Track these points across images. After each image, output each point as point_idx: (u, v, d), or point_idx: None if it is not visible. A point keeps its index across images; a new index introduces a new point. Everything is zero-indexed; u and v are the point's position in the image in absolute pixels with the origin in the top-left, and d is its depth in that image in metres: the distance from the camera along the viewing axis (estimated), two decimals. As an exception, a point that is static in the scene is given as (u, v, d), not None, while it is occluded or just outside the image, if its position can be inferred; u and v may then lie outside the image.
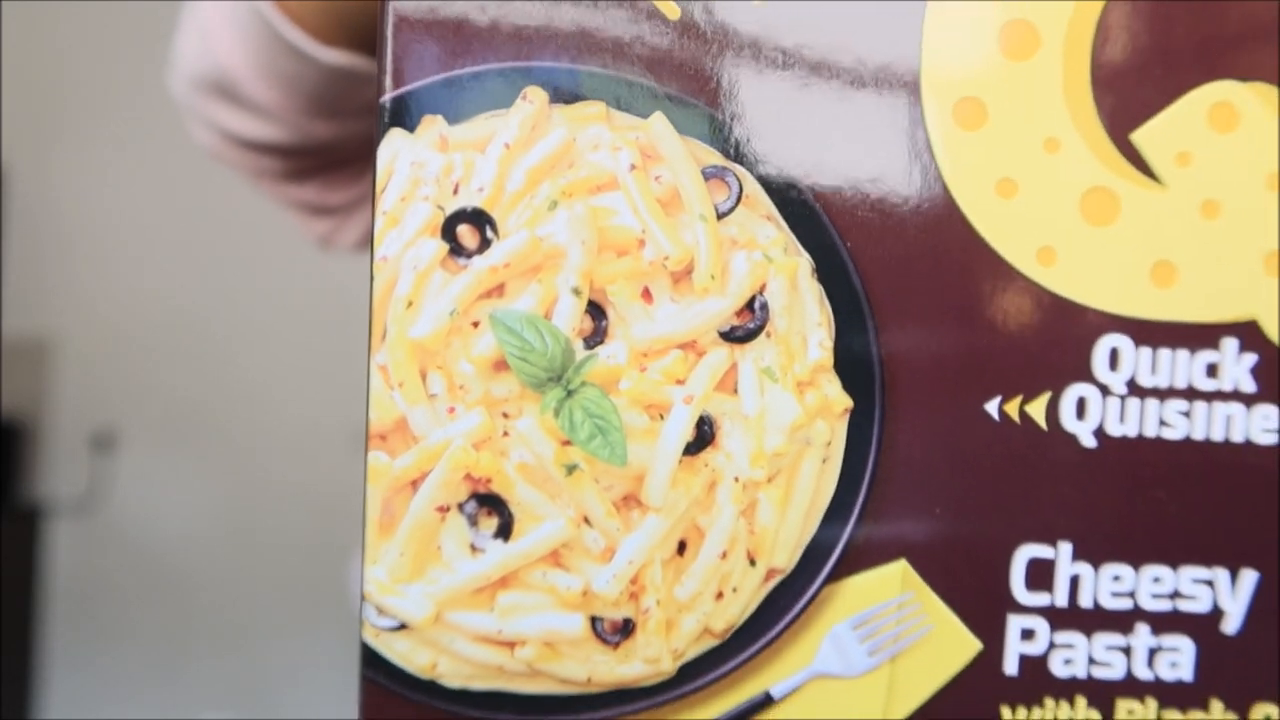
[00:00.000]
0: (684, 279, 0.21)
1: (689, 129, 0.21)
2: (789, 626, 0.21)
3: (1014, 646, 0.21)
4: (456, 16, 0.20)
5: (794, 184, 0.21)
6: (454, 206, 0.21)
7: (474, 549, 0.21)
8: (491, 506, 0.21)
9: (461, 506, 0.21)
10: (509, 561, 0.21)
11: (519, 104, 0.21)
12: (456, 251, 0.21)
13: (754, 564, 0.21)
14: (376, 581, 0.21)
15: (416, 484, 0.21)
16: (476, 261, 0.21)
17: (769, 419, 0.21)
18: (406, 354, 0.21)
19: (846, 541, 0.21)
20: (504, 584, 0.21)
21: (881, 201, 0.21)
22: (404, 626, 0.21)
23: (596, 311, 0.21)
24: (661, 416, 0.21)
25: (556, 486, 0.21)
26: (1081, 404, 0.21)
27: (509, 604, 0.21)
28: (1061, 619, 0.21)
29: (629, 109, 0.21)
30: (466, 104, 0.21)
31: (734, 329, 0.21)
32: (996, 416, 0.21)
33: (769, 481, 0.21)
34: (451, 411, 0.21)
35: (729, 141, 0.21)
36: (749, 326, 0.21)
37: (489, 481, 0.21)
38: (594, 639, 0.21)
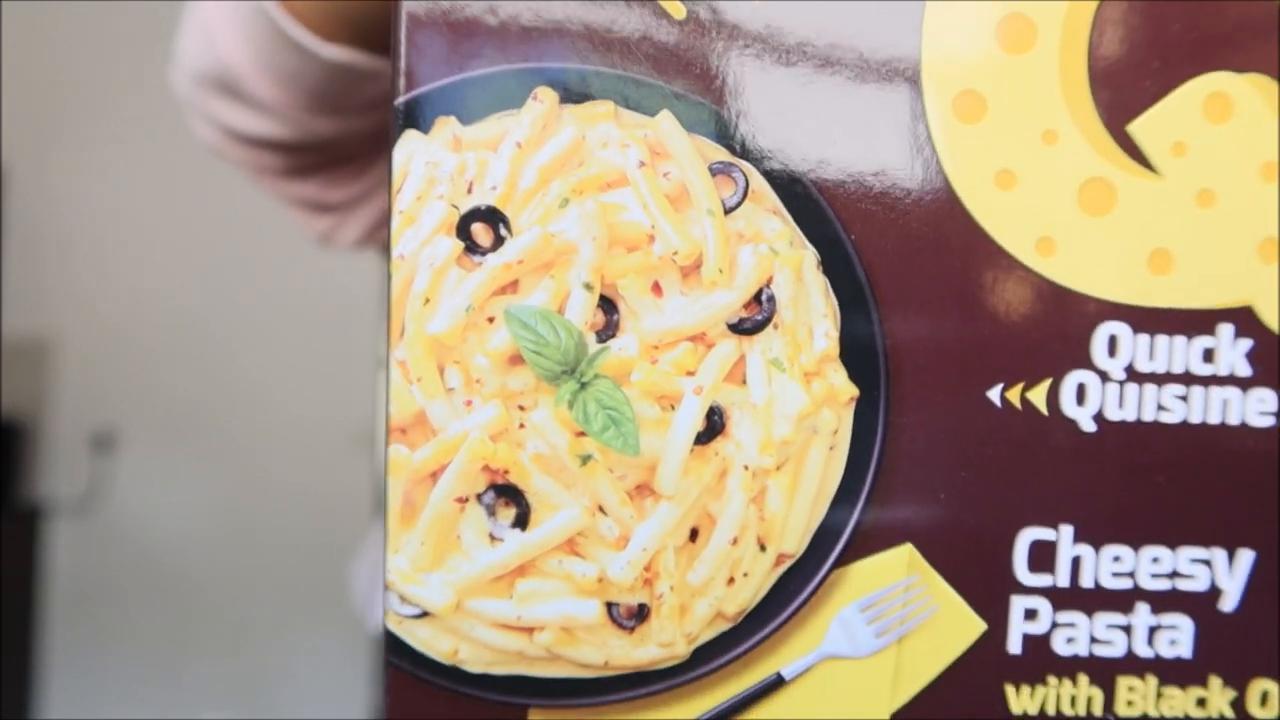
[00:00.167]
0: (693, 273, 0.22)
1: (696, 126, 0.21)
2: (799, 610, 0.22)
3: (1017, 626, 0.22)
4: (468, 19, 0.21)
5: (799, 178, 0.22)
6: (468, 205, 0.21)
7: (492, 538, 0.22)
8: (509, 497, 0.22)
9: (480, 497, 0.22)
10: (526, 550, 0.22)
11: (530, 104, 0.21)
12: (471, 249, 0.21)
13: (764, 549, 0.22)
14: (398, 570, 0.22)
15: (436, 475, 0.22)
16: (491, 258, 0.21)
17: (777, 408, 0.22)
18: (424, 349, 0.22)
19: (854, 527, 0.22)
20: (522, 572, 0.22)
21: (884, 194, 0.22)
22: (426, 614, 0.22)
23: (608, 306, 0.22)
24: (673, 407, 0.22)
25: (571, 476, 0.22)
26: (1081, 390, 0.22)
27: (527, 591, 0.22)
28: (1063, 599, 0.22)
29: (637, 107, 0.21)
30: (479, 104, 0.21)
31: (742, 321, 0.22)
32: (999, 403, 0.22)
33: (778, 469, 0.22)
34: (469, 405, 0.22)
35: (735, 138, 0.21)
36: (756, 318, 0.22)
37: (506, 472, 0.22)
38: (610, 624, 0.22)
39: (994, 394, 0.22)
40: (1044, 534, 0.22)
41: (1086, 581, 0.22)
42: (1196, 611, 0.22)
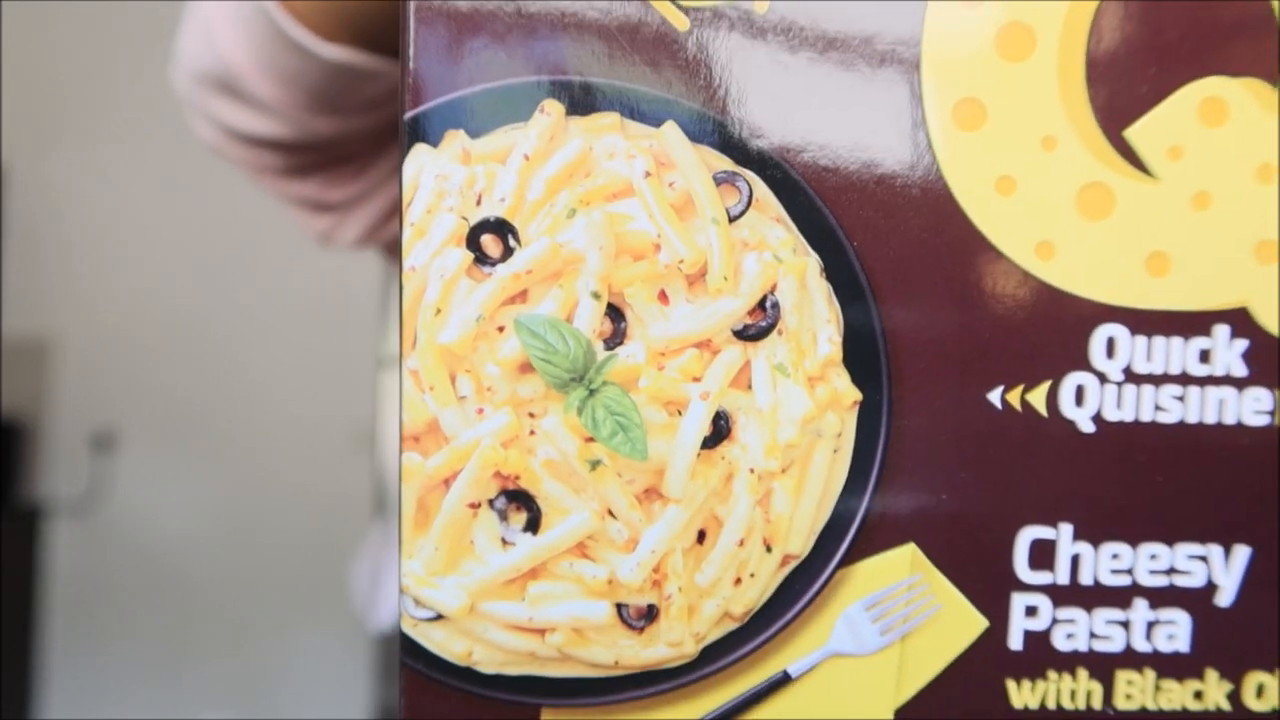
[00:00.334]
0: (698, 281, 0.22)
1: (700, 136, 0.22)
2: (804, 609, 0.23)
3: (1018, 623, 0.23)
4: (475, 34, 0.21)
5: (801, 187, 0.22)
6: (477, 217, 0.22)
7: (504, 542, 0.22)
8: (520, 502, 0.22)
9: (492, 502, 0.22)
10: (538, 553, 0.22)
11: (537, 116, 0.22)
12: (481, 260, 0.22)
13: (770, 550, 0.23)
14: (413, 575, 0.22)
15: (449, 482, 0.22)
16: (500, 269, 0.22)
17: (782, 412, 0.22)
18: (436, 359, 0.22)
19: (857, 527, 0.22)
20: (534, 575, 0.22)
21: (886, 202, 0.22)
22: (440, 617, 0.23)
23: (615, 314, 0.22)
24: (679, 412, 0.22)
25: (581, 481, 0.22)
26: (1080, 391, 0.22)
27: (539, 593, 0.22)
28: (1063, 596, 0.23)
29: (642, 118, 0.22)
30: (486, 118, 0.22)
31: (747, 327, 0.22)
32: (999, 405, 0.22)
33: (783, 472, 0.22)
34: (480, 412, 0.22)
35: (738, 147, 0.22)
36: (761, 325, 0.22)
37: (517, 478, 0.22)
38: (620, 625, 0.22)
39: (994, 396, 0.22)
40: (1044, 532, 0.22)
41: (1086, 579, 0.23)
42: (1193, 607, 0.23)
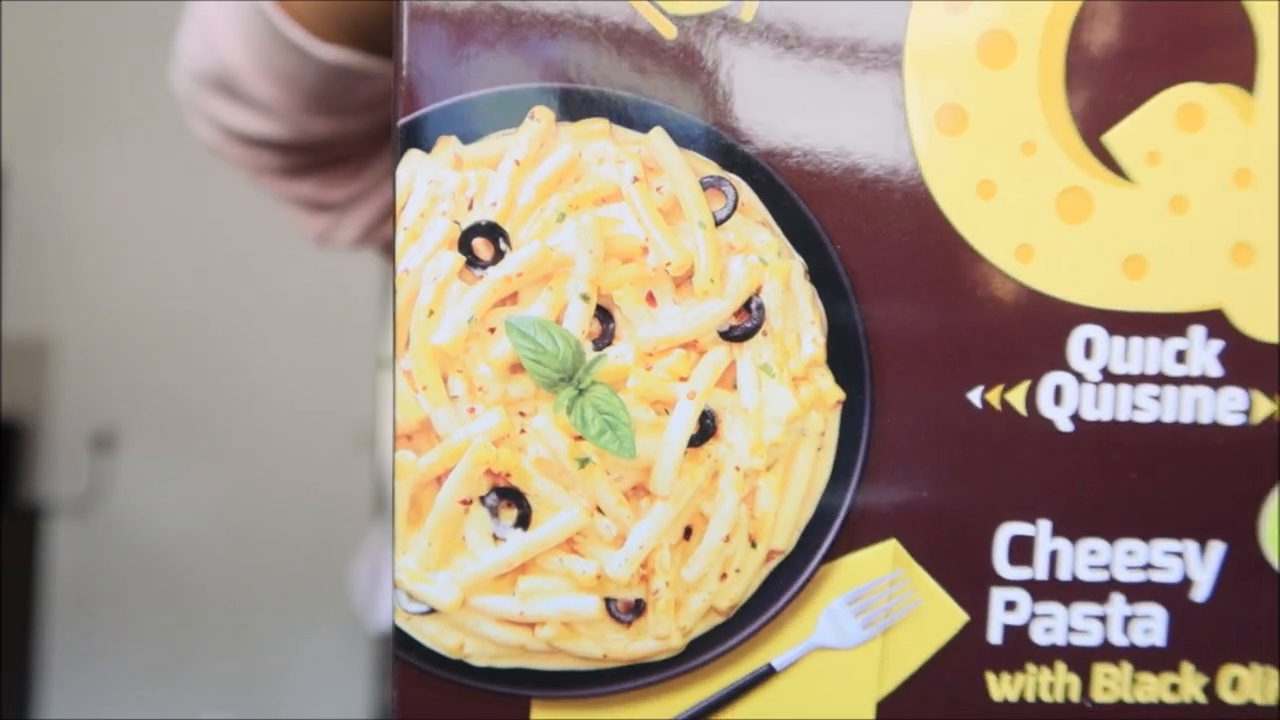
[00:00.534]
0: (685, 283, 0.23)
1: (687, 141, 0.22)
2: (789, 603, 0.23)
3: (998, 617, 0.23)
4: (468, 44, 0.22)
5: (786, 191, 0.22)
6: (469, 221, 0.22)
7: (496, 538, 0.23)
8: (511, 499, 0.23)
9: (483, 499, 0.23)
10: (528, 549, 0.23)
11: (527, 123, 0.22)
12: (473, 263, 0.22)
13: (755, 546, 0.23)
14: (407, 570, 0.23)
15: (441, 479, 0.23)
16: (492, 272, 0.22)
17: (767, 412, 0.23)
18: (429, 359, 0.22)
19: (840, 523, 0.23)
20: (524, 570, 0.23)
21: (869, 206, 0.22)
22: (433, 611, 0.23)
23: (604, 315, 0.23)
24: (667, 411, 0.23)
25: (571, 479, 0.23)
26: (1059, 391, 0.23)
27: (529, 588, 0.23)
28: (1042, 591, 0.23)
29: (631, 124, 0.22)
30: (478, 124, 0.22)
31: (733, 328, 0.23)
32: (979, 405, 0.23)
33: (768, 470, 0.23)
34: (472, 412, 0.23)
35: (725, 152, 0.22)
36: (746, 326, 0.23)
37: (508, 476, 0.23)
38: (608, 619, 0.23)
39: (974, 395, 0.23)
40: (1023, 529, 0.23)
41: (1064, 574, 0.23)
42: (1170, 601, 0.23)
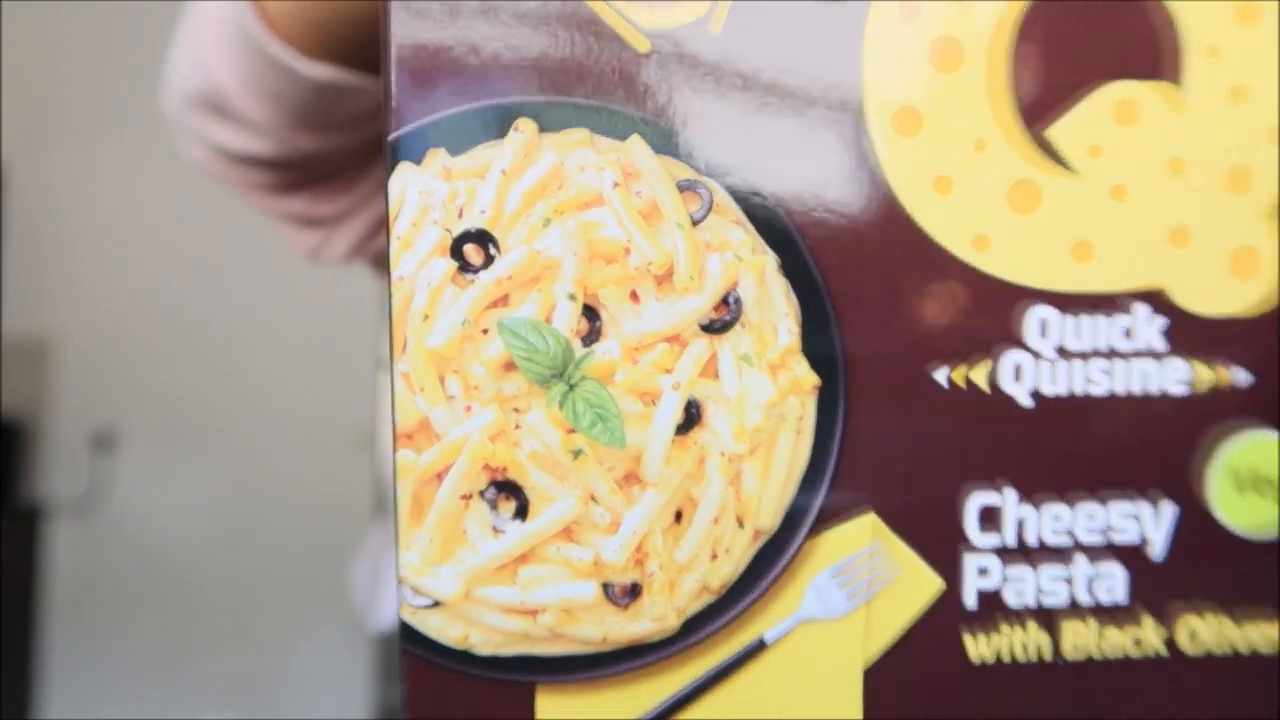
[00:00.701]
0: (666, 281, 0.24)
1: (663, 148, 0.24)
2: (776, 579, 0.24)
3: (972, 582, 0.25)
4: (452, 61, 0.23)
5: (758, 192, 0.24)
6: (460, 229, 0.23)
7: (495, 530, 0.24)
8: (509, 492, 0.24)
9: (482, 494, 0.24)
10: (527, 540, 0.24)
11: (512, 134, 0.23)
12: (464, 268, 0.24)
13: (742, 526, 0.24)
14: (410, 565, 0.24)
15: (441, 476, 0.24)
16: (483, 276, 0.23)
17: (748, 399, 0.24)
18: (425, 361, 0.24)
19: (822, 501, 0.24)
20: (524, 560, 0.24)
21: (834, 203, 0.24)
22: (437, 604, 0.24)
23: (591, 314, 0.24)
24: (653, 402, 0.24)
25: (565, 470, 0.24)
26: (1018, 369, 0.25)
27: (529, 577, 0.24)
28: (1011, 556, 0.25)
29: (609, 133, 0.24)
30: (465, 137, 0.23)
31: (712, 322, 0.24)
32: (945, 384, 0.24)
33: (751, 454, 0.24)
34: (468, 410, 0.24)
35: (699, 157, 0.24)
36: (725, 319, 0.24)
37: (505, 470, 0.24)
38: (606, 603, 0.24)
39: (940, 376, 0.24)
40: (991, 499, 0.25)
41: (1031, 539, 0.25)
42: (1129, 561, 0.25)
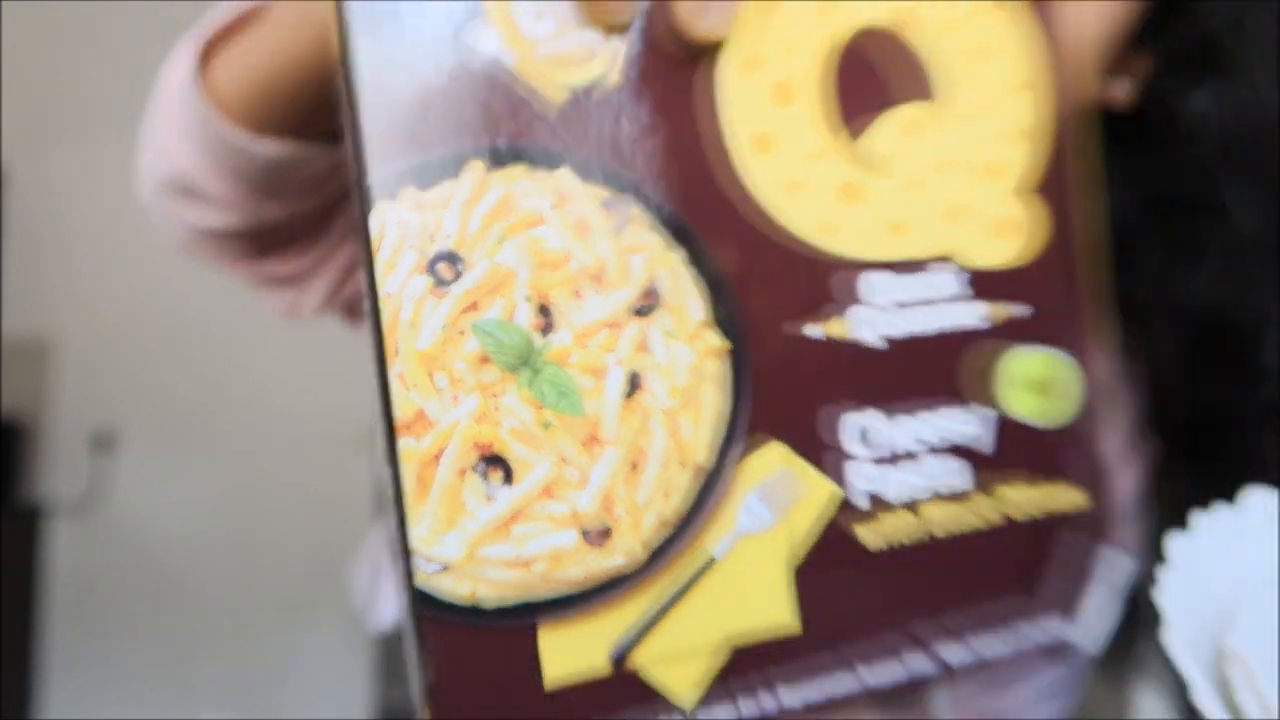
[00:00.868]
0: (601, 279, 0.30)
1: (587, 175, 0.30)
2: (716, 505, 0.31)
3: (859, 487, 0.32)
4: (412, 121, 0.28)
5: (664, 205, 0.31)
6: (432, 251, 0.29)
7: (488, 498, 0.29)
8: (496, 464, 0.29)
9: (474, 468, 0.29)
10: (515, 502, 0.29)
11: (466, 173, 0.29)
12: (439, 283, 0.29)
13: (684, 466, 0.30)
14: (420, 538, 0.28)
15: (438, 457, 0.28)
16: (454, 288, 0.29)
17: (675, 365, 0.30)
18: (416, 362, 0.28)
19: (742, 438, 0.31)
20: (514, 519, 0.29)
21: (719, 210, 0.31)
22: (446, 568, 0.28)
23: (544, 311, 0.29)
24: (603, 377, 0.30)
25: (539, 440, 0.29)
26: (868, 321, 0.32)
27: (521, 533, 0.29)
28: (883, 462, 0.32)
29: (543, 166, 0.30)
30: (429, 177, 0.29)
31: (641, 308, 0.30)
32: (819, 335, 0.32)
33: (683, 408, 0.30)
34: (455, 399, 0.28)
35: (615, 181, 0.30)
36: (650, 304, 0.30)
37: (491, 446, 0.29)
38: (585, 546, 0.29)
39: (813, 331, 0.32)
40: (863, 419, 0.32)
41: (897, 447, 0.32)
42: (968, 455, 0.33)
